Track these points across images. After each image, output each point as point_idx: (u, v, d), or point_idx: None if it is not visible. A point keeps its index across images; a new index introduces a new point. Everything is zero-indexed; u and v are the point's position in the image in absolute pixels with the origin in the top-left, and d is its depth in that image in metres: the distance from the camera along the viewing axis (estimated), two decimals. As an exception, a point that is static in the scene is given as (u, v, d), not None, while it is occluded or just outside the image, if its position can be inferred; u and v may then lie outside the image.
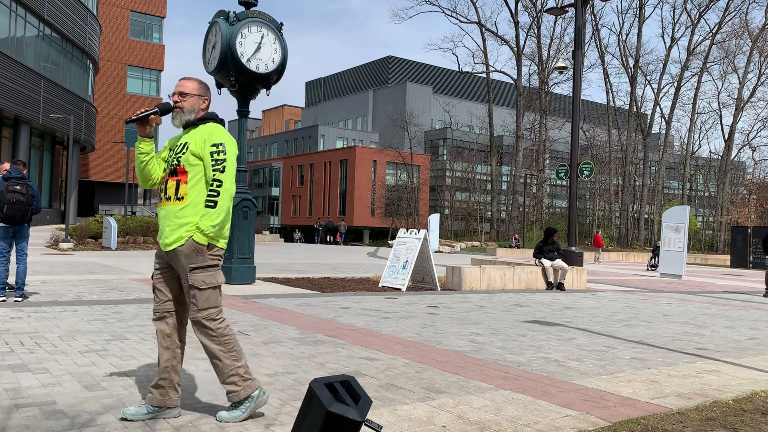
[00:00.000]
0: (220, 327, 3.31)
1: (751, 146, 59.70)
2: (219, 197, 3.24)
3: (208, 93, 3.47)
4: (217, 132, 3.35)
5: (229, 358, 3.30)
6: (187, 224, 3.29)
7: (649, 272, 23.30)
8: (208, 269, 3.30)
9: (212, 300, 3.31)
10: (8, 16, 26.59)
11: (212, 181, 3.27)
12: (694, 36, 53.21)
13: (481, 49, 53.94)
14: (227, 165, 3.29)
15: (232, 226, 10.52)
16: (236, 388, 3.31)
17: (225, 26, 10.14)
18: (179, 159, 3.33)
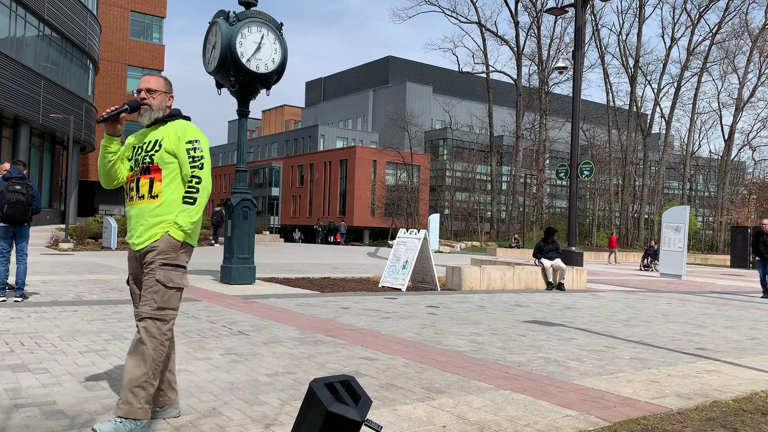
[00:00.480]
0: (165, 334, 3.15)
1: (751, 146, 59.72)
2: (198, 194, 3.22)
3: (172, 90, 3.45)
4: (190, 129, 3.32)
5: (152, 369, 3.08)
6: (162, 222, 3.23)
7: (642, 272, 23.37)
8: (179, 269, 3.22)
9: (173, 301, 3.19)
10: (8, 16, 26.59)
11: (191, 178, 3.24)
12: (694, 36, 53.25)
13: (481, 49, 53.98)
14: (205, 162, 3.26)
15: (232, 226, 10.52)
16: (136, 403, 3.04)
17: (225, 26, 10.14)
18: (152, 157, 3.26)
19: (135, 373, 3.05)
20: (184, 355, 4.92)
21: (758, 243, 13.73)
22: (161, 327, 3.14)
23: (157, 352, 3.11)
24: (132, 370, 3.06)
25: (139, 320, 3.14)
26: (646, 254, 25.46)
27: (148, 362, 3.07)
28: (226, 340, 5.60)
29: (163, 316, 3.15)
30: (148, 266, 3.21)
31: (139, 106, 3.33)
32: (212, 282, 10.85)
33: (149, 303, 3.14)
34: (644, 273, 22.75)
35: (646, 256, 25.45)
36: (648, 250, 25.72)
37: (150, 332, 3.11)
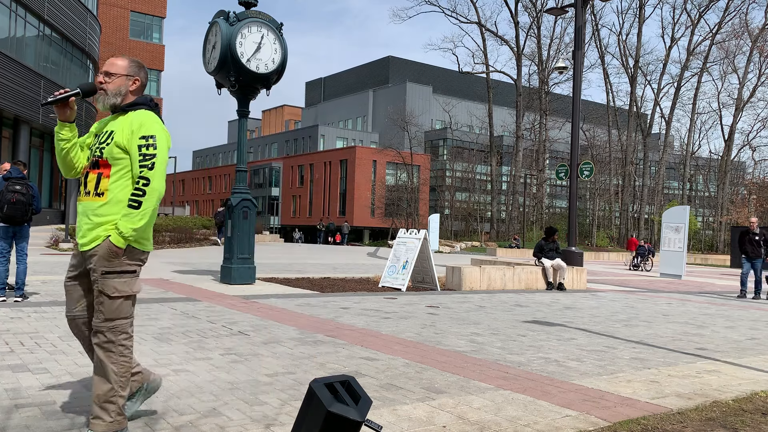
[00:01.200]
0: (123, 344, 2.93)
1: (751, 146, 59.75)
2: (144, 197, 2.86)
3: (140, 73, 3.06)
4: (148, 122, 2.94)
5: (117, 383, 2.89)
6: (105, 223, 2.92)
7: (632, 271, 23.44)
8: (123, 275, 2.92)
9: (123, 310, 2.92)
10: (8, 16, 26.59)
11: (139, 178, 2.88)
12: (694, 36, 53.26)
13: (481, 49, 53.98)
14: (157, 161, 2.89)
15: (232, 226, 10.52)
16: (107, 418, 2.86)
17: (225, 26, 10.15)
18: (102, 150, 2.94)
19: (101, 388, 2.89)
20: (184, 355, 4.92)
21: (744, 242, 13.38)
22: (113, 337, 2.90)
23: (118, 365, 2.91)
24: (98, 386, 2.91)
25: (92, 335, 2.94)
26: (637, 253, 25.49)
27: (111, 377, 2.89)
28: (226, 340, 5.60)
29: (114, 327, 2.90)
30: (92, 275, 2.93)
31: (94, 90, 3.00)
32: (212, 282, 10.85)
33: (98, 315, 2.91)
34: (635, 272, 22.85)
35: (636, 255, 25.49)
36: (638, 249, 25.75)
37: (104, 347, 2.90)
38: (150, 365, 4.52)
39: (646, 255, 24.83)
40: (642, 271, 23.99)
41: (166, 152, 2.94)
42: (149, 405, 3.57)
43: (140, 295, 8.58)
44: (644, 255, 24.84)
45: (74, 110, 3.01)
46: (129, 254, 2.92)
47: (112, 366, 2.89)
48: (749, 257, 13.28)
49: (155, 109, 3.06)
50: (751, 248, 13.25)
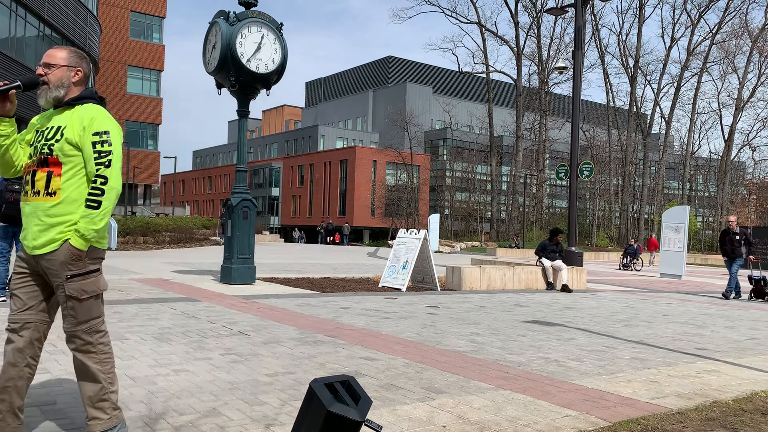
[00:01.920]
0: (101, 342, 2.87)
1: (751, 146, 59.78)
2: (104, 197, 2.74)
3: (81, 64, 2.91)
4: (99, 117, 2.80)
5: (106, 380, 2.85)
6: (60, 224, 2.78)
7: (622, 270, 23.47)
8: (89, 276, 2.82)
9: (94, 310, 2.85)
10: (8, 16, 26.59)
11: (96, 177, 2.75)
12: (694, 36, 53.27)
13: (481, 50, 53.99)
14: (113, 158, 2.77)
15: (232, 226, 10.52)
16: (104, 416, 2.83)
17: (225, 26, 10.15)
18: (51, 147, 2.79)
19: (92, 390, 2.84)
20: (184, 355, 4.92)
21: (724, 242, 13.03)
22: (90, 338, 2.84)
23: (102, 363, 2.85)
24: (87, 388, 2.85)
25: (66, 341, 2.87)
26: (626, 253, 25.47)
27: (99, 376, 2.84)
28: (226, 340, 5.60)
29: (89, 329, 2.84)
30: (53, 280, 2.80)
31: (36, 82, 2.83)
32: (212, 282, 10.85)
33: (69, 320, 2.82)
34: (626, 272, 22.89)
35: (625, 254, 25.47)
36: (627, 248, 25.75)
37: (83, 350, 2.83)
38: (150, 365, 4.52)
39: (635, 254, 24.86)
40: (632, 270, 24.03)
41: (120, 147, 2.83)
42: (149, 404, 3.57)
43: (140, 295, 8.58)
44: (634, 254, 24.87)
45: (14, 104, 2.86)
46: (90, 254, 2.83)
47: (97, 366, 2.84)
48: (729, 257, 12.96)
49: (102, 102, 2.94)
50: (731, 248, 12.92)
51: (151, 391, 3.84)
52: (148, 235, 24.53)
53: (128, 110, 44.93)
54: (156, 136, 46.89)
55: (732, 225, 13.02)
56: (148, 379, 4.14)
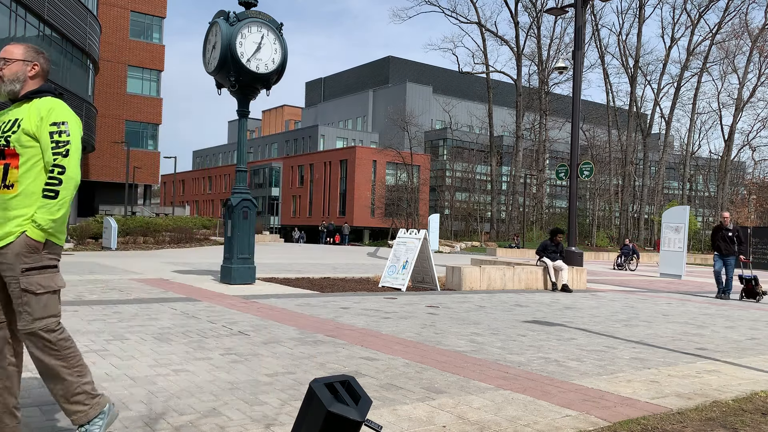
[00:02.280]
0: (60, 338, 2.75)
1: (750, 146, 59.81)
2: (61, 186, 2.70)
3: (38, 59, 2.89)
4: (58, 108, 2.79)
5: (73, 375, 2.76)
6: (18, 217, 2.73)
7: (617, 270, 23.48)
8: (46, 270, 2.74)
9: (51, 307, 2.74)
10: (8, 16, 26.59)
11: (53, 167, 2.71)
12: (694, 36, 53.30)
13: (481, 50, 54.01)
14: (71, 148, 2.74)
15: (232, 226, 10.52)
16: (83, 408, 2.78)
17: (225, 26, 10.15)
18: (8, 139, 2.76)
19: (61, 389, 2.77)
20: (184, 355, 4.92)
21: (716, 238, 12.63)
22: (48, 336, 2.72)
23: (65, 359, 2.75)
24: (56, 389, 2.78)
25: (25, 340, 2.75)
26: (621, 253, 25.42)
27: (64, 373, 2.75)
28: (226, 340, 5.60)
29: (45, 326, 2.71)
30: (8, 275, 2.71)
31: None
32: (212, 282, 10.85)
33: (24, 317, 2.70)
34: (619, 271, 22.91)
35: (621, 254, 25.41)
36: (623, 248, 25.71)
37: (41, 347, 2.72)
38: (150, 365, 4.52)
39: (630, 254, 24.83)
40: (626, 270, 24.06)
41: (79, 139, 2.79)
42: (149, 404, 3.57)
43: (140, 295, 8.58)
44: (629, 254, 24.85)
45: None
46: (48, 248, 2.76)
47: (61, 363, 2.74)
48: (722, 254, 12.59)
49: (61, 97, 2.92)
50: (724, 245, 12.52)
51: (151, 391, 3.84)
52: (148, 235, 24.54)
53: (128, 110, 44.93)
54: (156, 136, 46.90)
55: (725, 221, 12.59)
56: (148, 379, 4.14)
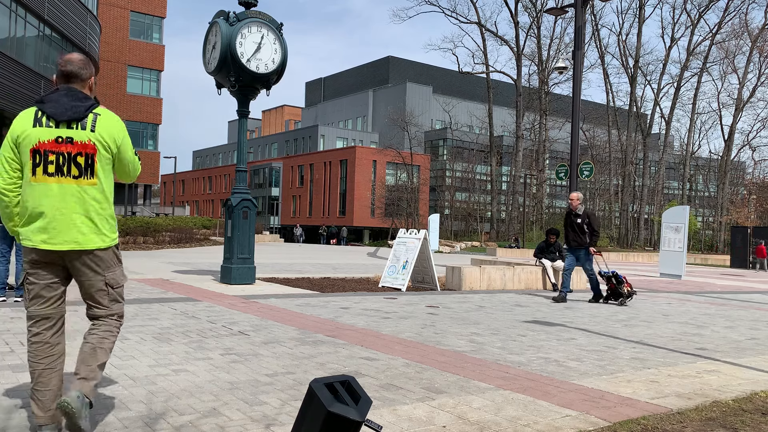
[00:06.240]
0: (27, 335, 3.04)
1: (750, 146, 59.85)
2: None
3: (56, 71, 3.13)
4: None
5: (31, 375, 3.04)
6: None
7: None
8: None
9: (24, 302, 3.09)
10: (8, 16, 26.59)
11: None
12: (694, 36, 53.31)
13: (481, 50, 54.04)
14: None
15: (232, 226, 10.52)
16: (34, 408, 2.98)
17: (225, 26, 10.15)
18: None
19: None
20: (184, 355, 4.92)
21: (566, 226, 10.30)
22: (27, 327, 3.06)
23: (28, 354, 3.03)
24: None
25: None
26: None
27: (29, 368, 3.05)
28: (226, 340, 5.60)
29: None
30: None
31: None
32: (212, 282, 10.85)
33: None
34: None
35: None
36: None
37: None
38: (150, 365, 4.52)
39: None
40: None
41: (4, 143, 2.95)
42: (149, 404, 3.57)
43: (140, 295, 8.58)
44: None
45: None
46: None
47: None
48: (570, 246, 10.18)
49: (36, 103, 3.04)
50: (573, 235, 10.09)
51: (151, 391, 3.84)
52: (148, 235, 24.53)
53: (128, 110, 44.92)
54: (156, 136, 46.88)
55: (573, 204, 10.17)
56: (148, 379, 4.14)
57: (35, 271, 3.00)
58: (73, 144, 2.96)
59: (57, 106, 2.97)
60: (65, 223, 2.96)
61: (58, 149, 2.94)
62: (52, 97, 3.00)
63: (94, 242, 3.03)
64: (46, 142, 2.93)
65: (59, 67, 3.07)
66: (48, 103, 2.98)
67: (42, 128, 2.94)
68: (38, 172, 2.93)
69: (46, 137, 2.93)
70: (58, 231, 2.96)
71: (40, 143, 2.92)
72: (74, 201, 2.98)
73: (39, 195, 2.95)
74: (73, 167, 2.97)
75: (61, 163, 2.95)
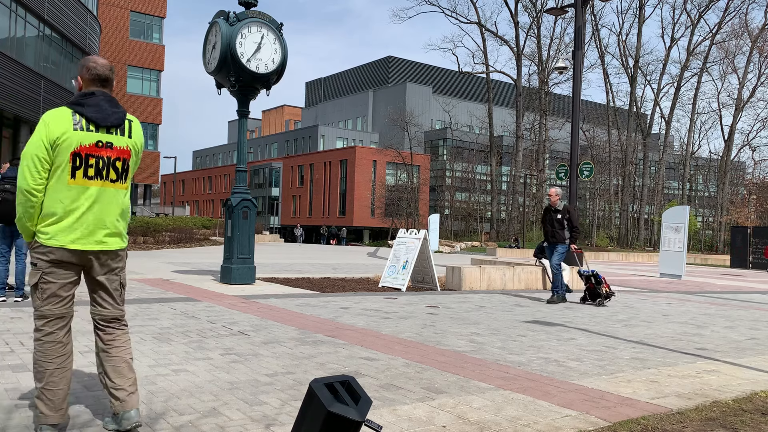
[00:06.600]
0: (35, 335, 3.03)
1: (750, 146, 59.82)
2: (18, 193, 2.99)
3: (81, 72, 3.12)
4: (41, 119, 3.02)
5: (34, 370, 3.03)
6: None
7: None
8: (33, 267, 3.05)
9: (34, 301, 3.05)
10: (8, 16, 26.59)
11: None
12: (694, 36, 53.30)
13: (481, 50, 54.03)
14: (21, 156, 2.96)
15: (232, 226, 10.52)
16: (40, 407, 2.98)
17: (225, 26, 10.14)
18: None
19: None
20: (184, 355, 4.92)
21: (545, 222, 10.11)
22: (35, 327, 3.04)
23: (36, 354, 3.01)
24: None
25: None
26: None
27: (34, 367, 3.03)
28: (226, 340, 5.60)
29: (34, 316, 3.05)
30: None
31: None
32: (212, 282, 10.85)
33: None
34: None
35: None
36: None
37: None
38: (150, 365, 4.52)
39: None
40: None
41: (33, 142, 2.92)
42: (149, 404, 3.57)
43: (140, 295, 8.58)
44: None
45: None
46: (33, 248, 3.02)
47: (34, 353, 3.02)
48: (549, 243, 9.98)
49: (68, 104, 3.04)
50: (551, 230, 9.91)
51: (151, 391, 3.84)
52: (148, 235, 24.52)
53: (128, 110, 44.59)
54: (156, 136, 46.87)
55: (553, 200, 9.99)
56: (148, 379, 4.14)
57: (53, 270, 3.01)
58: (112, 149, 3.05)
59: (99, 111, 3.02)
60: (98, 225, 3.05)
61: (98, 153, 3.01)
62: (91, 102, 3.03)
63: (118, 243, 3.15)
64: (87, 146, 2.98)
65: (92, 69, 3.09)
66: (88, 107, 3.02)
67: (83, 132, 2.98)
68: (78, 175, 2.98)
69: (88, 141, 2.98)
70: (90, 232, 3.02)
71: (81, 147, 2.97)
72: (110, 204, 3.08)
73: (76, 197, 2.99)
74: (112, 171, 3.06)
75: (101, 167, 3.03)
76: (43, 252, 2.98)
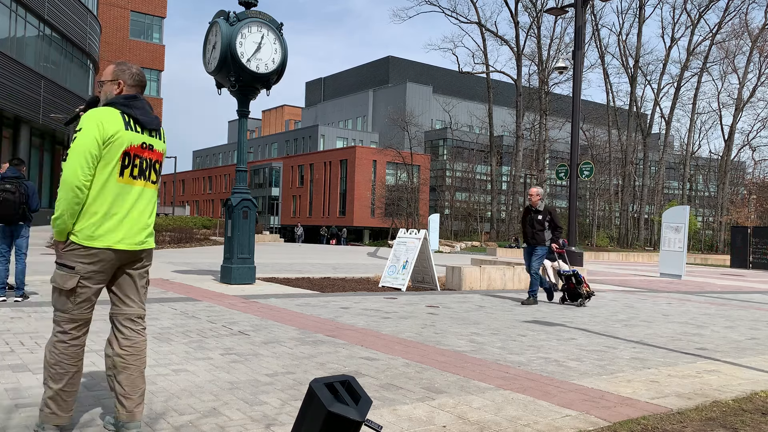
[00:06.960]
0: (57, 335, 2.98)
1: (751, 146, 59.76)
2: (59, 189, 2.92)
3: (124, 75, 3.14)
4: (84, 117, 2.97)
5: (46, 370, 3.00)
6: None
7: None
8: (63, 269, 2.95)
9: (57, 302, 2.99)
10: (8, 16, 26.59)
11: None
12: (694, 36, 53.26)
13: (481, 50, 54.00)
14: (70, 152, 2.89)
15: (232, 226, 10.52)
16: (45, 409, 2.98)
17: (225, 26, 10.14)
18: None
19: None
20: (184, 355, 4.92)
21: (524, 223, 9.85)
22: (54, 328, 3.00)
23: (51, 354, 2.97)
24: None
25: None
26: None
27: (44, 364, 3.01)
28: (226, 340, 5.60)
29: (55, 317, 3.00)
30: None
31: (96, 100, 3.20)
32: (212, 282, 10.85)
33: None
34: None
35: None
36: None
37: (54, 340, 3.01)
38: (150, 365, 4.52)
39: None
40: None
41: (86, 139, 2.88)
42: (150, 404, 3.57)
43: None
44: None
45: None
46: (68, 250, 2.96)
47: (46, 352, 2.99)
48: (528, 244, 9.75)
49: (116, 105, 3.04)
50: (531, 231, 9.67)
51: (151, 391, 3.84)
52: (148, 235, 24.48)
53: (128, 110, 44.84)
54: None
55: (534, 200, 9.78)
56: (148, 379, 4.13)
57: (93, 275, 2.97)
58: (152, 151, 3.15)
59: (145, 114, 3.11)
60: (141, 224, 3.11)
61: (142, 154, 3.09)
62: (137, 104, 3.10)
63: (151, 242, 3.21)
64: (136, 146, 3.05)
65: (135, 76, 3.17)
66: (135, 109, 3.08)
67: (133, 132, 3.04)
68: (126, 174, 3.02)
69: (136, 141, 3.06)
70: (135, 232, 3.07)
71: (131, 146, 3.03)
72: (149, 204, 3.16)
73: (122, 195, 3.01)
74: (152, 173, 3.16)
75: (144, 167, 3.11)
76: (84, 255, 2.93)
